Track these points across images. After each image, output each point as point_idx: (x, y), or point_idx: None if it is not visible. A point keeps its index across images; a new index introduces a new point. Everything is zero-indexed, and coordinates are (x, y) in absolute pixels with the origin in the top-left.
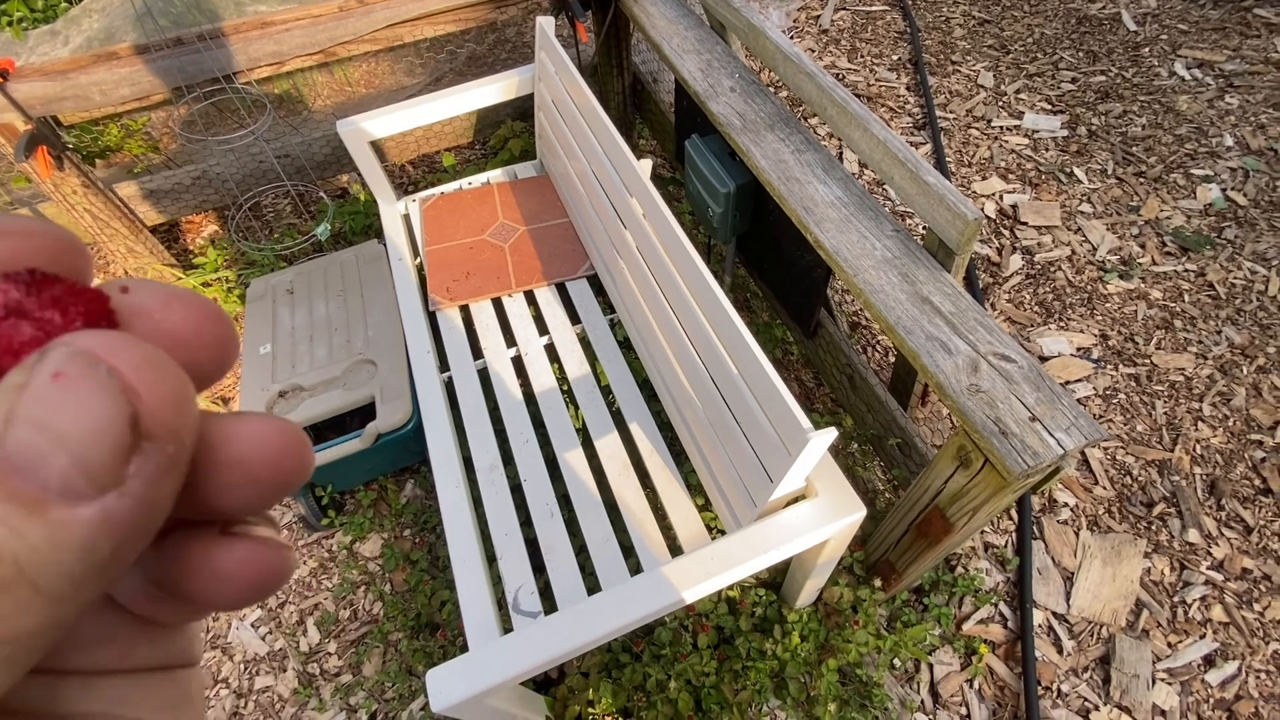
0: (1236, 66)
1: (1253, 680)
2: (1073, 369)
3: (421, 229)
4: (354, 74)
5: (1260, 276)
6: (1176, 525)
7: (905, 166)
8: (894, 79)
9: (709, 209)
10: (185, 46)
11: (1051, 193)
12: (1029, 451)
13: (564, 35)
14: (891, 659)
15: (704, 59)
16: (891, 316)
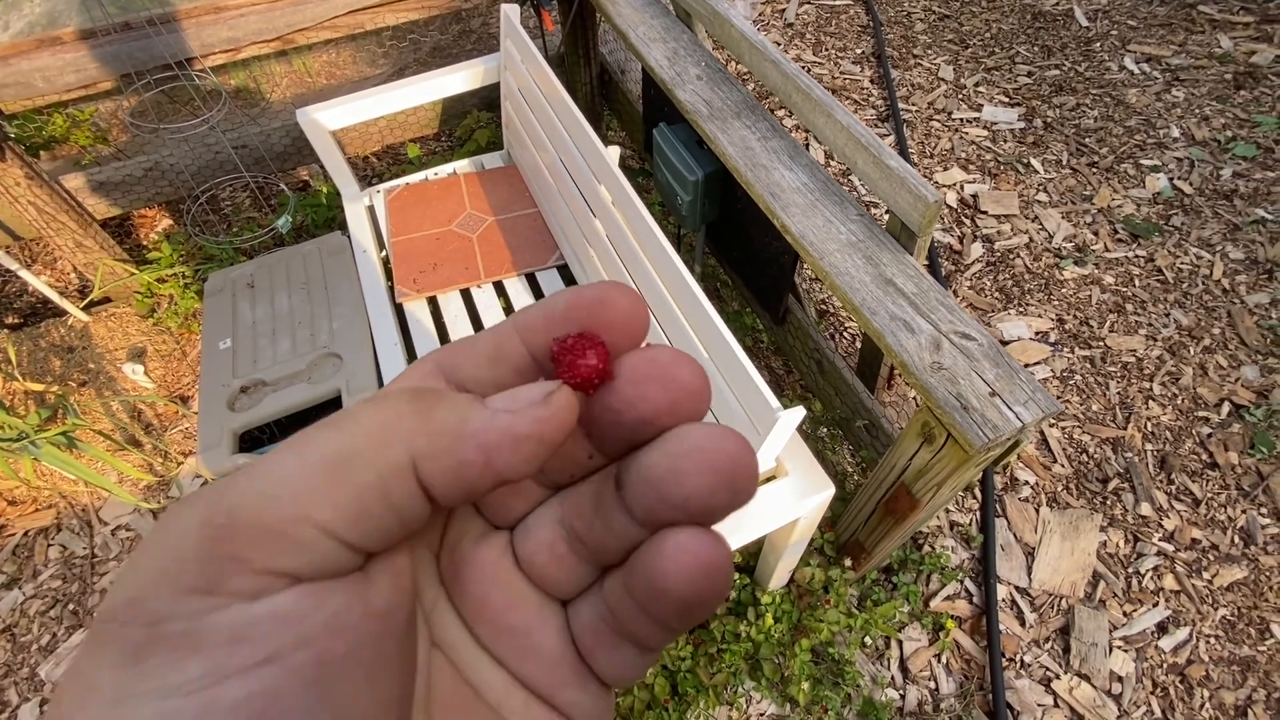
0: (1182, 61)
1: (1203, 645)
2: (1031, 352)
3: (387, 220)
4: (314, 64)
5: (1205, 261)
6: (1130, 500)
7: (868, 151)
8: (858, 72)
9: (678, 197)
10: (134, 32)
11: (1010, 183)
12: (989, 425)
13: (530, 25)
14: (862, 637)
15: (670, 47)
16: (856, 298)
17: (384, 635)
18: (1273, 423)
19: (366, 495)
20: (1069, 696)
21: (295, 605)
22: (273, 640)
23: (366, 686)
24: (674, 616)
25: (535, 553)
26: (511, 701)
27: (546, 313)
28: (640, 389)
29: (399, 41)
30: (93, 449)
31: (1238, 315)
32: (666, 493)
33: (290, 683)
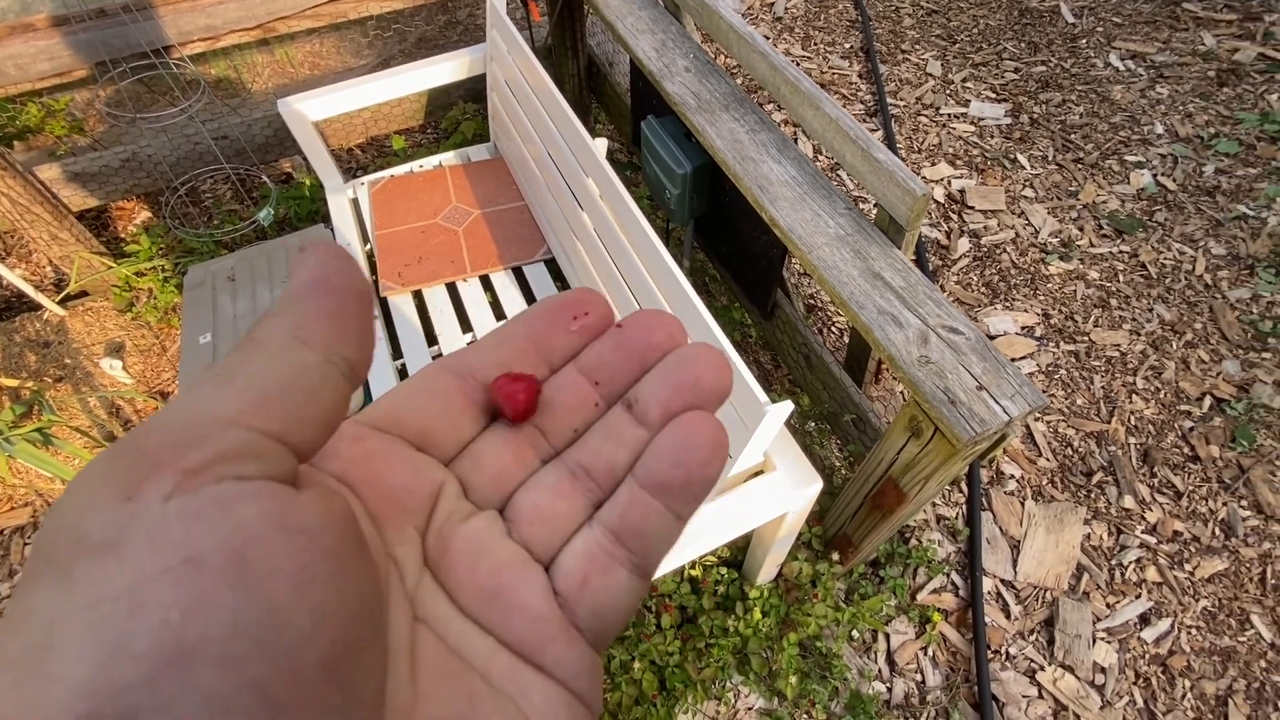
0: (1166, 58)
1: (1184, 636)
2: (1018, 347)
3: (371, 213)
4: (296, 54)
5: (1188, 257)
6: (1114, 493)
7: (856, 144)
8: (846, 66)
9: (666, 190)
10: (109, 19)
11: (996, 178)
12: (977, 419)
13: (518, 17)
14: (850, 630)
15: (658, 39)
16: (845, 292)
17: (310, 554)
18: (1253, 416)
19: (263, 376)
20: (1053, 688)
21: (207, 505)
22: (189, 541)
23: (295, 597)
24: (693, 481)
25: (526, 511)
26: (497, 665)
27: (544, 307)
28: (644, 327)
29: (384, 32)
30: (69, 446)
31: (1219, 310)
32: (680, 378)
33: (215, 582)
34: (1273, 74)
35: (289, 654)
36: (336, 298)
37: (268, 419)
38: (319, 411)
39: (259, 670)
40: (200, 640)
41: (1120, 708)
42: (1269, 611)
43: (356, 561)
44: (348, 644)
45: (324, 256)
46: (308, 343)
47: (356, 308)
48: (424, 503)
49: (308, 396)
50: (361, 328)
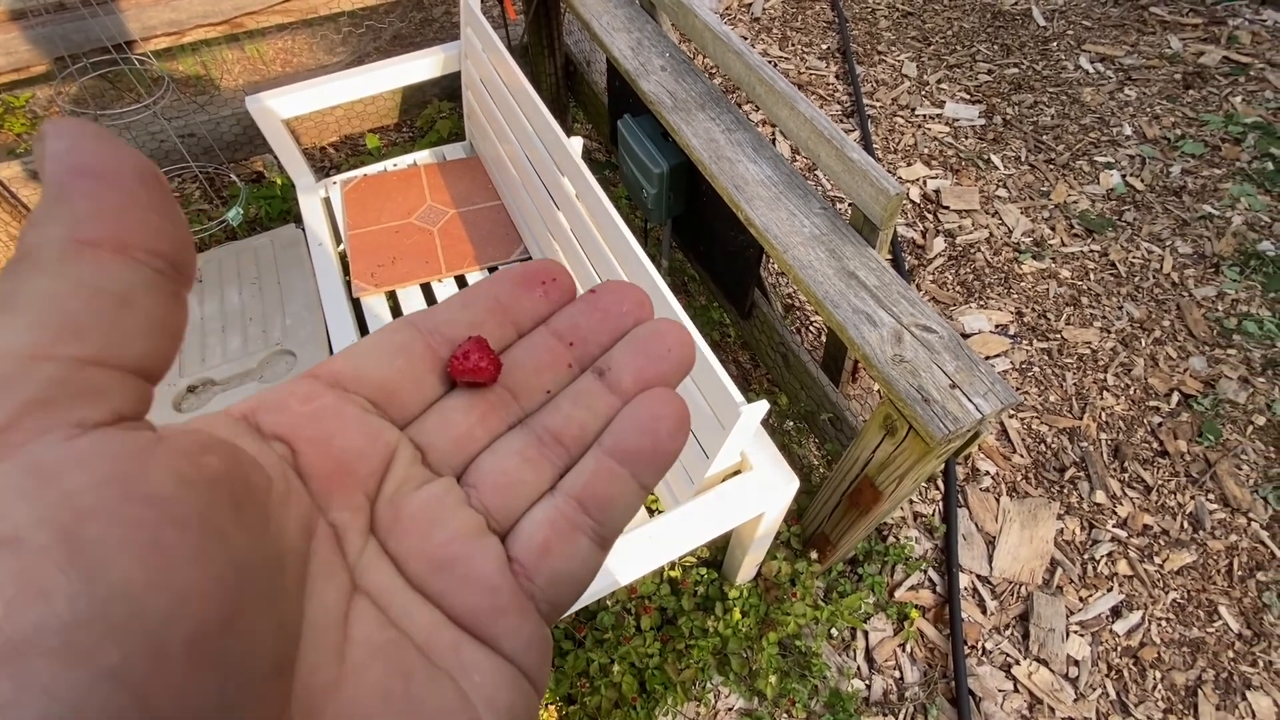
0: (1134, 61)
1: (1155, 628)
2: (992, 345)
3: (343, 213)
4: (268, 50)
5: (1156, 256)
6: (1085, 488)
7: (831, 144)
8: (823, 67)
9: (643, 190)
10: (69, 12)
11: (971, 178)
12: (950, 417)
13: (494, 15)
14: (829, 629)
15: (634, 37)
16: (820, 291)
17: (161, 526)
18: (1219, 412)
19: (52, 294)
20: (1028, 681)
21: (18, 476)
22: (4, 519)
23: (146, 573)
24: (660, 451)
25: (489, 476)
26: (440, 640)
27: (508, 272)
28: (617, 294)
29: (357, 28)
30: None
31: (1186, 308)
32: (654, 349)
33: (41, 565)
34: (1236, 77)
35: (148, 639)
36: (113, 185)
37: (80, 342)
38: (143, 319)
39: (113, 659)
40: (33, 634)
41: (1093, 700)
42: (1236, 603)
43: (230, 526)
44: (221, 619)
45: (73, 138)
46: (96, 243)
47: (145, 191)
48: (375, 468)
49: (120, 304)
50: (161, 211)
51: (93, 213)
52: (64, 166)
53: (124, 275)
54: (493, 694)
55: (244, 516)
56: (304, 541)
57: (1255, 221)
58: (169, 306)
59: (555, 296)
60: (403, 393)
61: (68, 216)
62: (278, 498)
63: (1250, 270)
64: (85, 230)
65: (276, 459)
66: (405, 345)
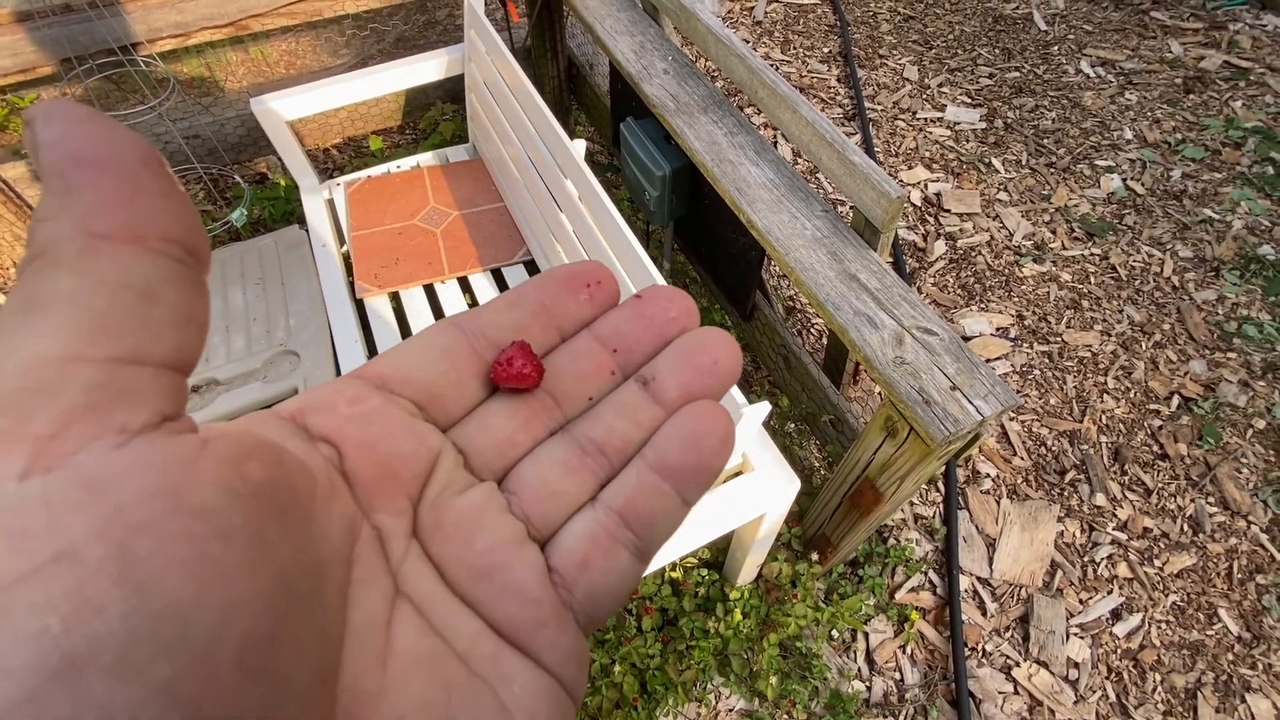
0: (1135, 65)
1: (1155, 630)
2: (992, 348)
3: (347, 214)
4: (272, 53)
5: (1156, 259)
6: (1086, 490)
7: (832, 147)
8: (825, 71)
9: (645, 192)
10: (75, 14)
11: (972, 182)
12: (950, 419)
13: (497, 18)
14: (829, 630)
15: (637, 41)
16: (821, 294)
17: (210, 539)
18: (1219, 415)
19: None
20: (1028, 683)
21: (72, 488)
22: (58, 532)
23: (196, 589)
24: (705, 467)
25: (530, 484)
26: (480, 649)
27: (553, 274)
28: (662, 300)
29: (361, 31)
30: None
31: (1186, 311)
32: (700, 360)
33: (96, 581)
34: (1237, 81)
35: (198, 654)
36: (117, 172)
37: (112, 341)
38: (170, 312)
39: (165, 674)
40: (89, 649)
41: (1093, 702)
42: (1235, 605)
43: (275, 535)
44: (268, 632)
45: (65, 122)
46: (112, 236)
47: (149, 176)
48: (419, 471)
49: (145, 299)
50: (168, 195)
51: (102, 204)
52: (62, 155)
53: (145, 268)
54: (532, 706)
55: (288, 524)
56: (347, 545)
57: (1255, 225)
58: (192, 295)
59: (600, 300)
60: (446, 396)
61: (77, 209)
62: (322, 501)
63: (1250, 274)
64: (98, 223)
65: (322, 461)
66: (450, 348)
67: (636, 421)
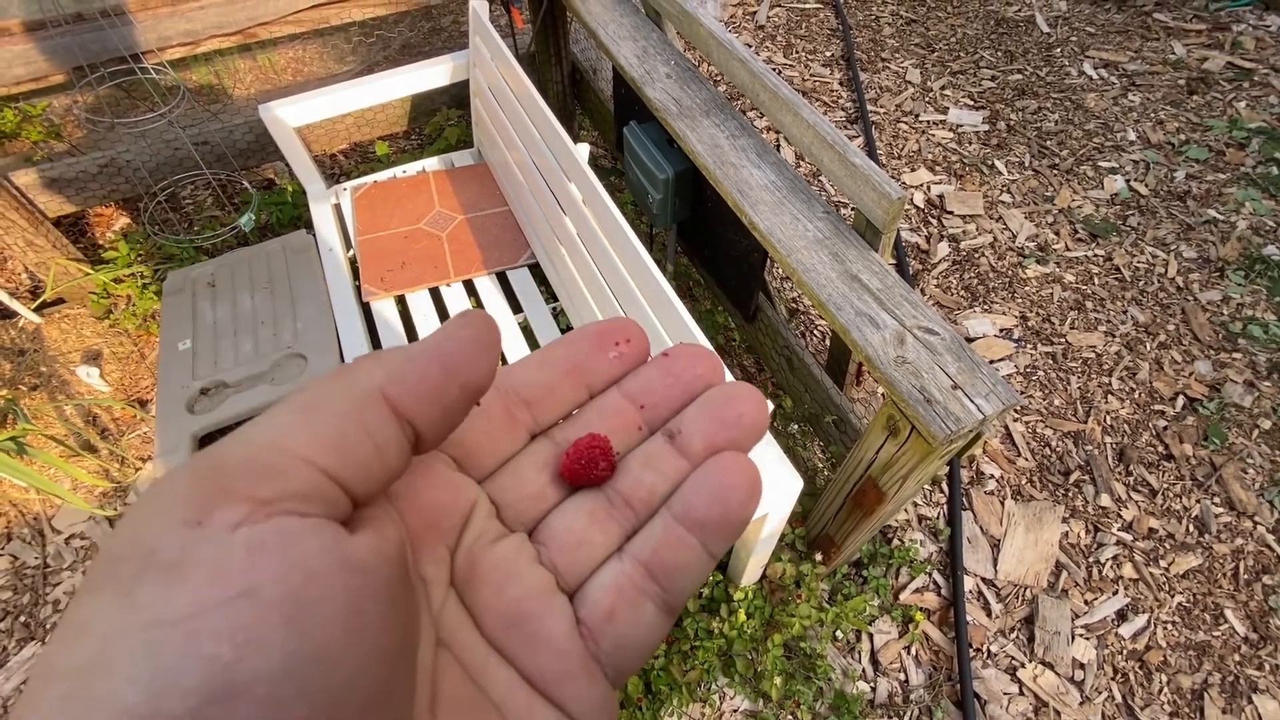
0: (1138, 67)
1: (1161, 631)
2: (996, 349)
3: (354, 218)
4: (279, 60)
5: (1160, 260)
6: (1090, 491)
7: (833, 149)
8: (828, 74)
9: (649, 195)
10: (86, 23)
11: (975, 184)
12: (952, 418)
13: (501, 24)
14: (834, 631)
15: (640, 45)
16: (823, 294)
17: (364, 593)
18: (1224, 415)
19: (342, 422)
20: (1034, 684)
21: (271, 537)
22: (250, 573)
23: (345, 638)
24: (731, 520)
25: (559, 535)
26: (515, 700)
27: (583, 332)
28: (689, 358)
29: (367, 38)
30: (45, 455)
31: (1191, 312)
32: (725, 414)
33: (269, 619)
34: (1240, 82)
35: (333, 698)
36: (441, 374)
37: (340, 465)
38: (383, 469)
39: (301, 712)
40: (250, 680)
41: (1099, 703)
42: (1242, 606)
43: (404, 598)
44: (388, 687)
45: (460, 329)
46: (391, 402)
47: (455, 393)
48: (457, 522)
49: (377, 452)
50: (446, 412)
51: (410, 382)
52: (437, 342)
53: (389, 432)
54: None
55: (409, 589)
56: (405, 576)
57: (1260, 226)
58: (400, 466)
59: (629, 357)
60: (481, 451)
61: (394, 370)
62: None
63: (1255, 274)
64: (393, 389)
65: (398, 518)
66: (485, 406)
67: (662, 473)
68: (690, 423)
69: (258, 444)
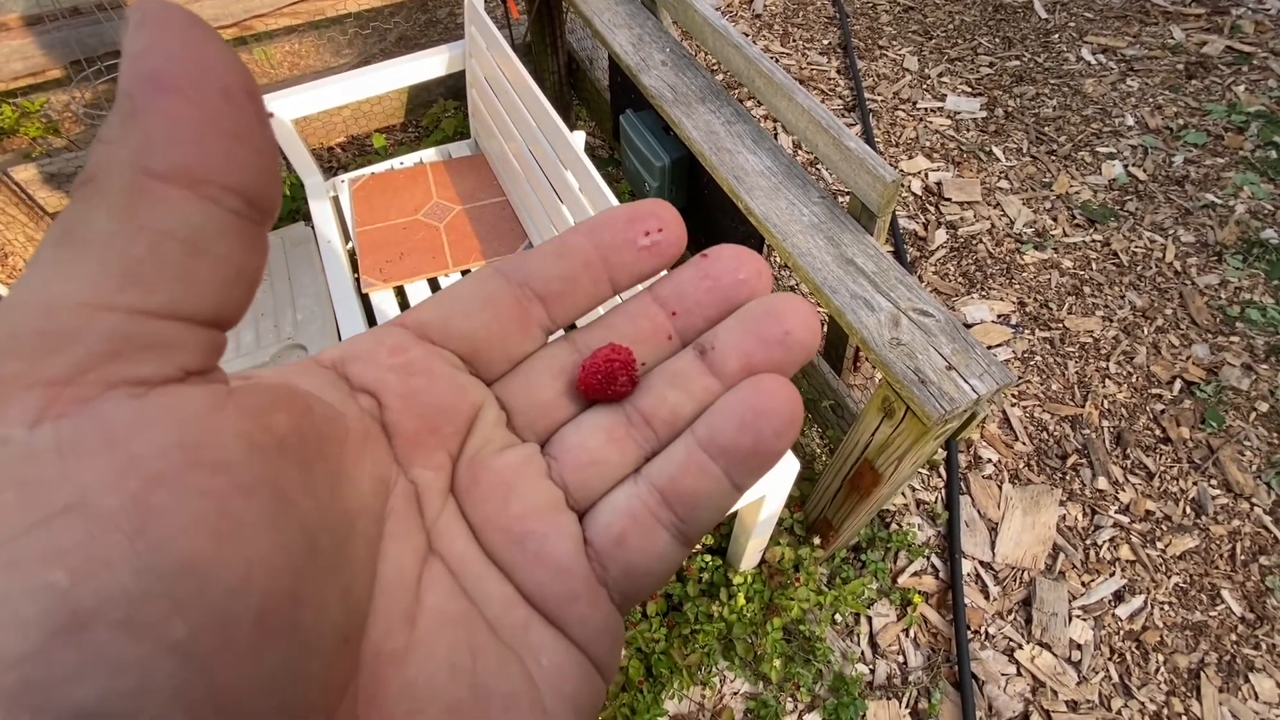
0: (1136, 52)
1: (1157, 612)
2: (994, 334)
3: (352, 210)
4: (275, 54)
5: (1158, 245)
6: (1088, 474)
7: (828, 133)
8: (825, 63)
9: (646, 184)
10: (83, 17)
11: (972, 170)
12: (946, 398)
13: (497, 14)
14: (833, 614)
15: (635, 33)
16: (818, 278)
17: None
18: (1222, 398)
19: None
20: (1031, 665)
21: (88, 433)
22: (68, 482)
23: (215, 544)
24: (762, 451)
25: (572, 450)
26: (510, 618)
27: (610, 216)
28: (732, 260)
29: (363, 30)
30: None
31: (1189, 296)
32: (768, 330)
33: (108, 535)
34: (1239, 66)
35: (216, 612)
36: (192, 102)
37: (145, 293)
38: (215, 267)
39: (179, 632)
40: (97, 604)
41: (1096, 683)
42: (1238, 586)
43: (298, 490)
44: (291, 591)
45: (157, 33)
46: (165, 177)
47: (227, 108)
48: (460, 426)
49: (190, 251)
50: (243, 136)
51: (163, 138)
52: (140, 72)
53: (195, 218)
54: (559, 681)
55: (314, 478)
56: (379, 499)
57: (1258, 210)
58: (244, 251)
59: (662, 251)
60: (490, 349)
61: (138, 140)
62: (353, 454)
63: (1253, 258)
64: (155, 160)
65: (358, 412)
66: (494, 297)
67: (690, 393)
68: (726, 337)
69: (23, 307)
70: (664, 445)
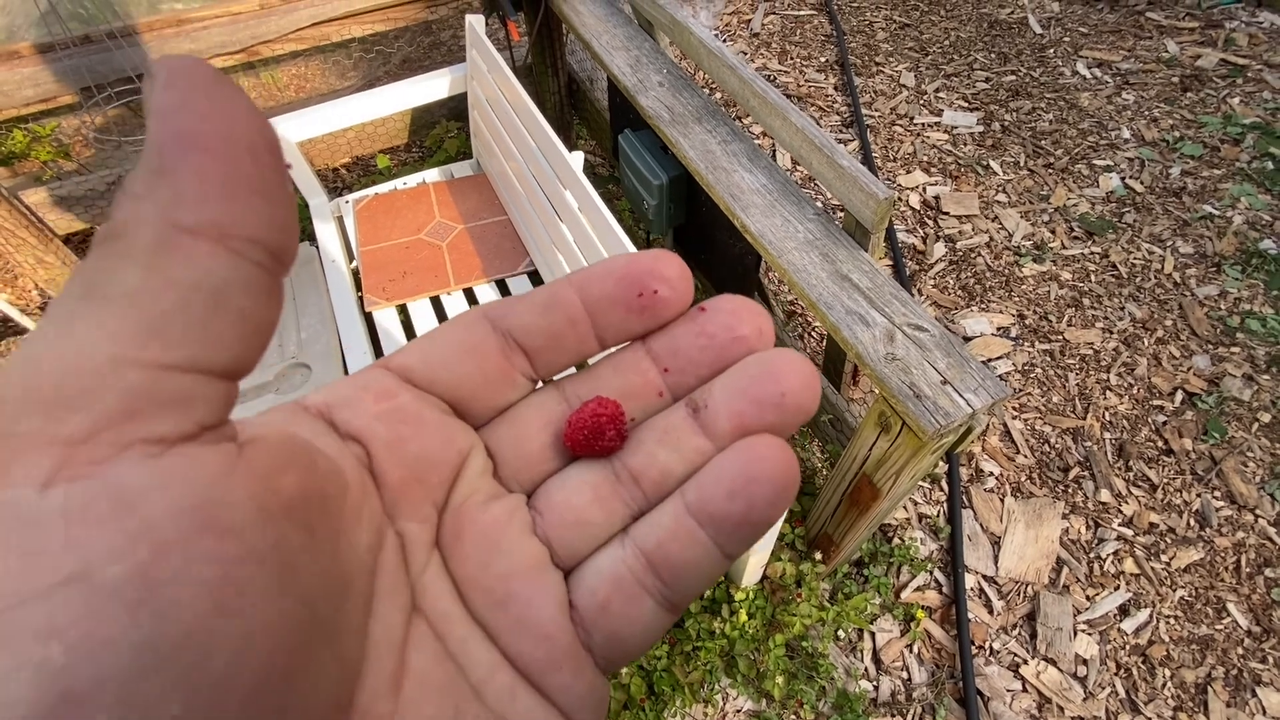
0: (1132, 65)
1: (1163, 625)
2: (994, 347)
3: (355, 230)
4: (282, 77)
5: (1157, 256)
6: (1090, 487)
7: (821, 152)
8: (822, 80)
9: (644, 202)
10: (94, 45)
11: (970, 184)
12: (941, 412)
13: (499, 38)
14: (835, 630)
15: (633, 55)
16: (814, 294)
17: (239, 560)
18: (1224, 409)
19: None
20: (1036, 680)
21: (99, 498)
22: (74, 550)
23: (217, 616)
24: (752, 521)
25: (557, 507)
26: (495, 683)
27: (605, 269)
28: (731, 315)
29: (367, 53)
30: None
31: (1188, 307)
32: (763, 390)
33: (108, 608)
34: (1234, 79)
35: (211, 688)
36: (219, 155)
37: (167, 347)
38: (236, 321)
39: (173, 711)
40: (92, 684)
41: (1103, 698)
42: (1244, 599)
43: (303, 556)
44: (287, 664)
45: (185, 92)
46: (194, 231)
47: (253, 165)
48: (446, 476)
49: (214, 305)
50: (268, 191)
51: (192, 195)
52: (170, 131)
53: (221, 271)
54: None
55: (316, 541)
56: (373, 555)
57: (1256, 220)
58: (264, 303)
59: (656, 312)
60: (474, 399)
61: (167, 196)
62: (352, 510)
63: (1252, 269)
64: (184, 215)
65: (354, 463)
66: (478, 347)
67: (680, 453)
68: (720, 395)
69: (45, 361)
70: (652, 505)
